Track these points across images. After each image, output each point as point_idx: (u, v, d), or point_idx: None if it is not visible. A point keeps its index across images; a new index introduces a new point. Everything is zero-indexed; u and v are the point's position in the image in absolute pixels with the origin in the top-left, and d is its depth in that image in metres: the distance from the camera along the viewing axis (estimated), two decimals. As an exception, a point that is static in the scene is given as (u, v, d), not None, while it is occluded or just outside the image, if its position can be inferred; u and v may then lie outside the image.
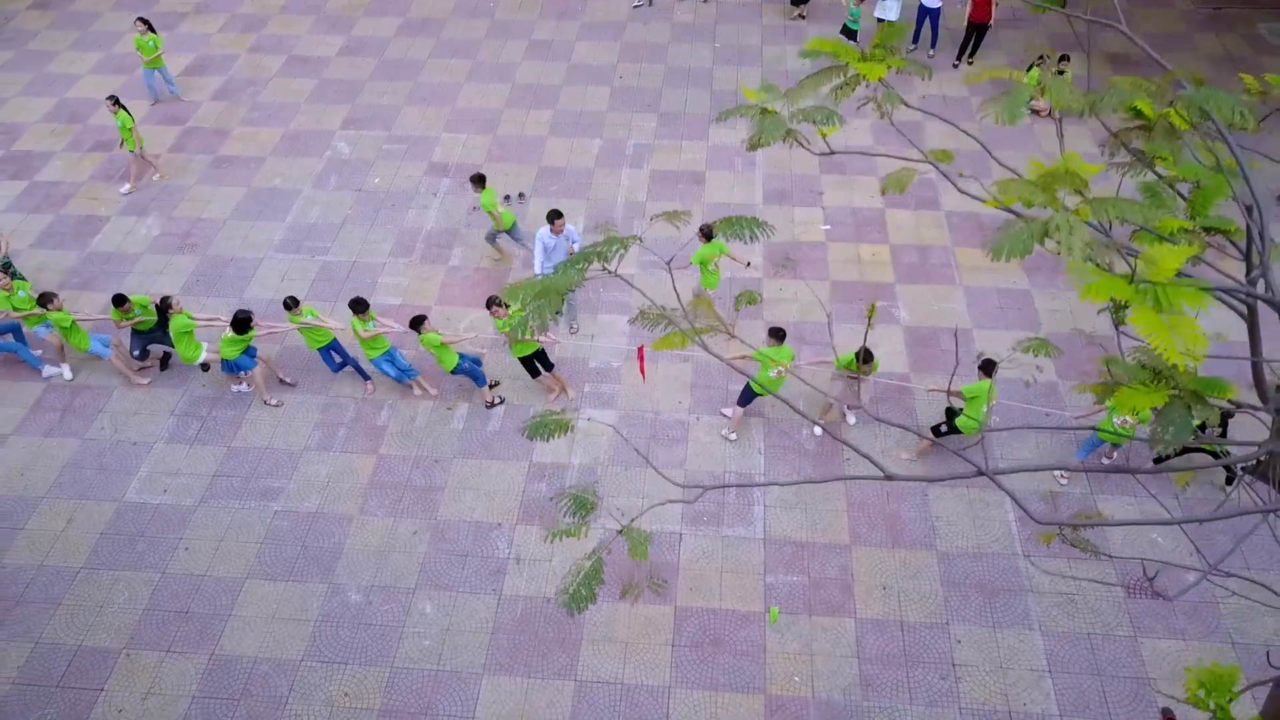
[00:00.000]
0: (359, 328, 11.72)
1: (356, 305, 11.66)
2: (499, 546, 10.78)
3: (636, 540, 4.62)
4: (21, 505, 11.31)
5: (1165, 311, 2.92)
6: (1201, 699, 4.07)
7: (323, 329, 12.07)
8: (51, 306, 11.98)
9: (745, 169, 16.25)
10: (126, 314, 12.21)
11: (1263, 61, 18.69)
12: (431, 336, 11.43)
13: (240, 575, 10.55)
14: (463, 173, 16.21)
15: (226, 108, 18.02)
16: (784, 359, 10.93)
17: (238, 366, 12.05)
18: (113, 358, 12.54)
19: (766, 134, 4.35)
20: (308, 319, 11.91)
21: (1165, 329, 2.88)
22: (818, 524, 10.94)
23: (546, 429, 4.73)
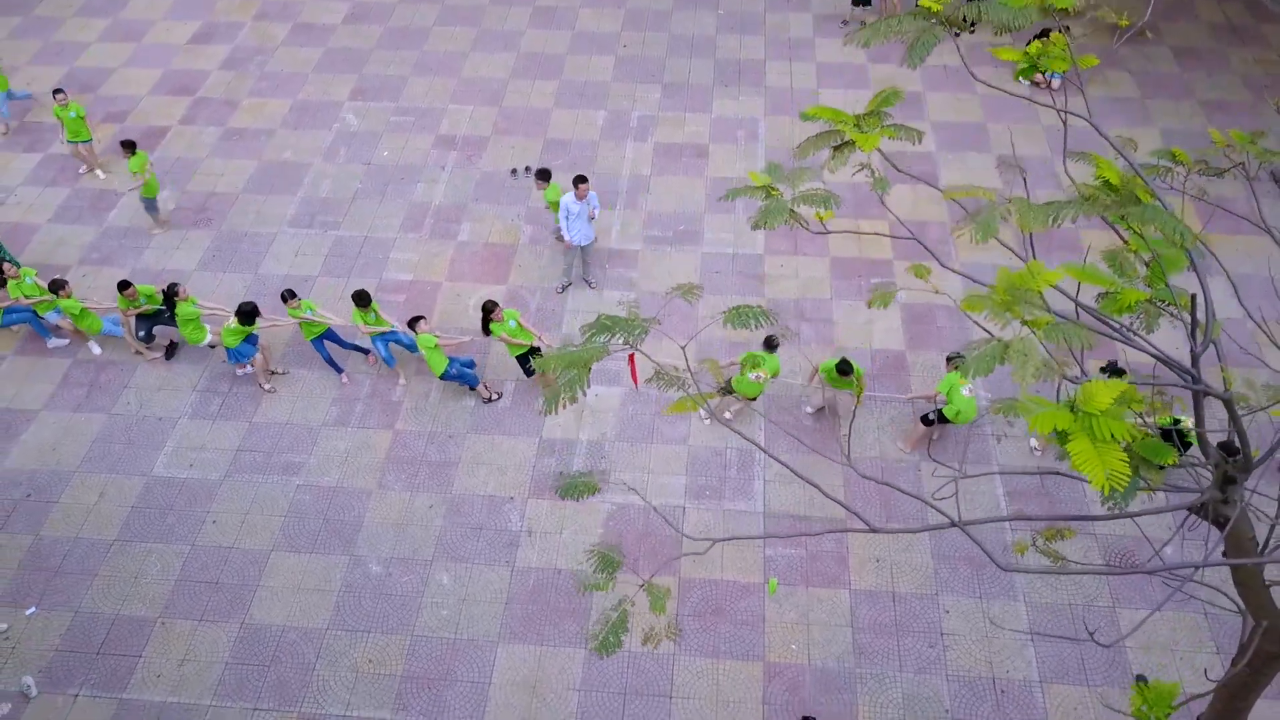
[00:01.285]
0: (360, 320, 12.13)
1: (360, 298, 12.06)
2: (511, 520, 11.32)
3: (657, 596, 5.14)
4: (55, 479, 11.84)
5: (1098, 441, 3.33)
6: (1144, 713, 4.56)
7: (318, 321, 12.46)
8: (62, 294, 12.38)
9: (748, 142, 16.52)
10: (131, 300, 12.58)
11: (1264, 30, 18.82)
12: (427, 338, 11.78)
13: (266, 547, 11.12)
14: (470, 145, 16.50)
15: (235, 78, 18.23)
16: (769, 368, 11.37)
17: (240, 354, 12.47)
18: (125, 335, 12.96)
19: (771, 218, 4.74)
20: (306, 313, 12.29)
21: (1096, 457, 3.30)
22: (815, 499, 11.46)
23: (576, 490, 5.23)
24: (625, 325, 4.74)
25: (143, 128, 17.06)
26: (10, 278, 12.74)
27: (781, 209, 4.87)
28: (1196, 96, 17.30)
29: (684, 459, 11.91)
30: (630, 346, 4.81)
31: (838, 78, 17.90)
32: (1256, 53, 18.28)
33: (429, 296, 13.99)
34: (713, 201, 15.42)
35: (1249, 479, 4.90)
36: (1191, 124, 16.70)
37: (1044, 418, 3.50)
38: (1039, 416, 3.49)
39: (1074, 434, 3.38)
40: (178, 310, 12.29)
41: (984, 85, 16.84)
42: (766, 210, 4.89)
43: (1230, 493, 4.50)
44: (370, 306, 12.15)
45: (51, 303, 12.66)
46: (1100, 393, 3.40)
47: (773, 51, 18.59)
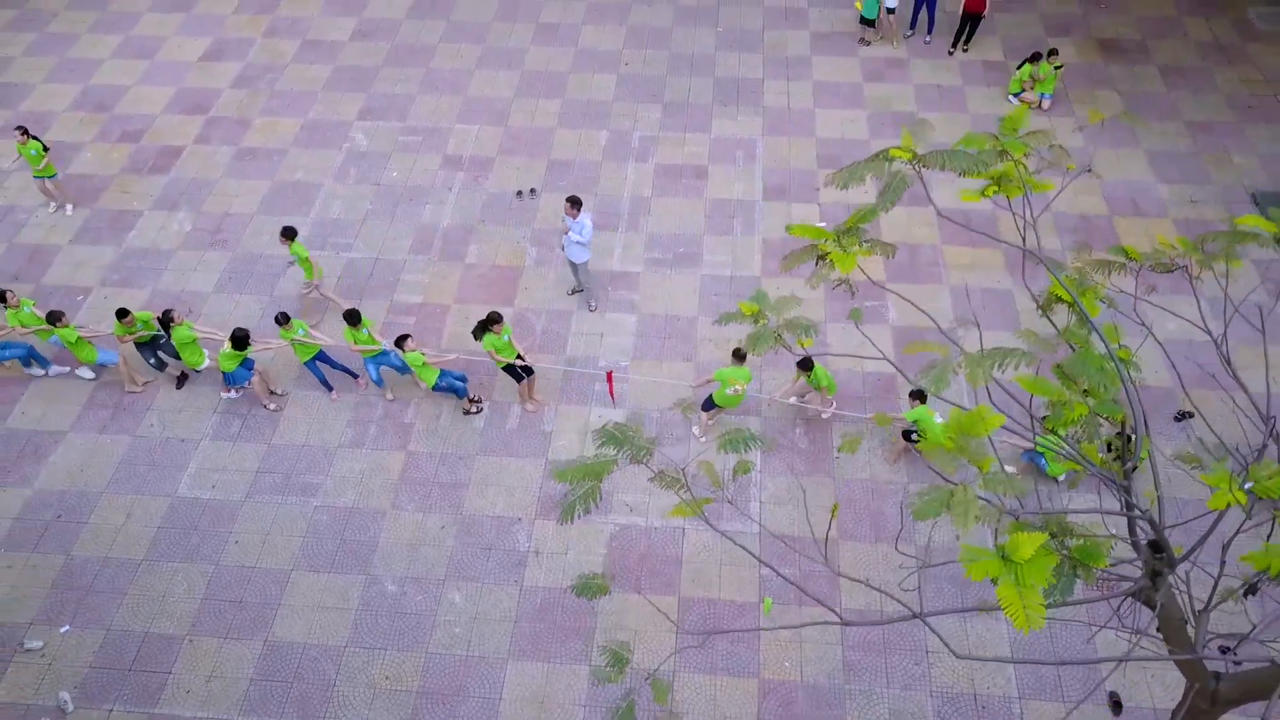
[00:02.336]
0: (350, 339, 12.67)
1: (350, 317, 12.58)
2: (519, 540, 11.91)
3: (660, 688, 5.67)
4: (84, 500, 12.42)
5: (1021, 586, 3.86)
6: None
7: (310, 343, 12.97)
8: (60, 324, 12.87)
9: (746, 163, 17.02)
10: (128, 327, 13.01)
11: (1249, 49, 19.27)
12: (414, 356, 12.35)
13: (287, 567, 11.71)
14: (477, 166, 17.01)
15: (247, 96, 18.70)
16: (742, 379, 11.95)
17: (236, 378, 12.99)
18: (120, 364, 13.46)
19: (759, 345, 5.26)
20: (299, 334, 12.84)
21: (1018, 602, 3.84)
22: (809, 518, 12.02)
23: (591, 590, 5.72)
24: (630, 439, 5.28)
25: (158, 147, 17.56)
26: (10, 306, 13.21)
27: (768, 336, 5.39)
28: (1182, 117, 17.77)
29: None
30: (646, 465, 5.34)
31: (834, 97, 18.37)
32: (1242, 72, 18.73)
33: (438, 318, 14.53)
34: (712, 223, 15.93)
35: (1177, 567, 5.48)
36: (1177, 145, 17.18)
37: (978, 566, 4.05)
38: (974, 566, 4.04)
39: (1002, 580, 3.93)
40: (174, 335, 12.79)
41: (978, 107, 17.27)
42: (755, 337, 5.41)
43: (1159, 582, 5.06)
44: (361, 325, 12.67)
45: (49, 332, 13.11)
46: (1024, 544, 3.94)
47: (771, 70, 19.05)
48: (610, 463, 5.33)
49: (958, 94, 18.45)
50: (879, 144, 17.32)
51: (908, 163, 5.30)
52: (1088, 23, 20.16)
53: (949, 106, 18.16)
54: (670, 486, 5.56)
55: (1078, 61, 19.10)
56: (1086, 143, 17.27)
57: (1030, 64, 17.61)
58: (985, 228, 15.16)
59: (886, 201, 5.34)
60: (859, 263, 5.38)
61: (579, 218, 13.58)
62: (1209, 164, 16.79)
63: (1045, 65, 17.56)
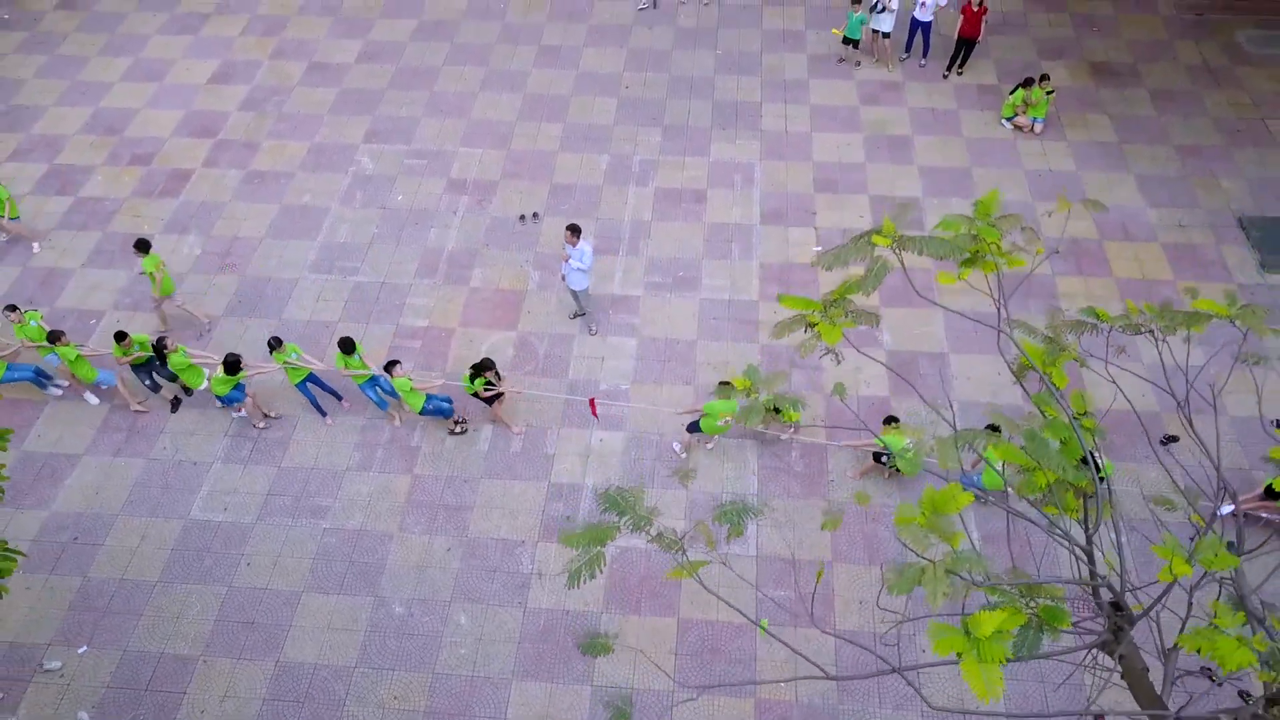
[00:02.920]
0: (342, 365, 13.04)
1: (344, 345, 12.95)
2: (523, 562, 12.27)
3: None
4: (99, 523, 12.78)
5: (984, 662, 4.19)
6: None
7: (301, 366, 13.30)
8: (60, 343, 13.21)
9: (744, 187, 17.38)
10: (126, 350, 13.39)
11: (1238, 73, 19.62)
12: (403, 381, 12.73)
13: (297, 588, 12.06)
14: (480, 190, 17.37)
15: (254, 119, 19.06)
16: (731, 411, 12.35)
17: (230, 400, 13.38)
18: (118, 385, 13.82)
19: (750, 419, 5.61)
20: (291, 357, 13.19)
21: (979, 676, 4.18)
22: (804, 542, 12.41)
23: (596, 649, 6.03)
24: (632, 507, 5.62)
25: (168, 170, 17.92)
26: (15, 321, 13.52)
27: (759, 410, 5.73)
28: (1172, 141, 18.13)
29: (683, 503, 12.84)
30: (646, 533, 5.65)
31: (831, 120, 18.73)
32: (1230, 95, 19.09)
33: (443, 342, 14.89)
34: (710, 247, 16.29)
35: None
36: (1166, 169, 17.54)
37: (943, 643, 4.39)
38: (940, 642, 4.38)
39: (965, 655, 4.27)
40: (169, 362, 13.16)
41: (971, 130, 17.57)
42: (746, 411, 5.76)
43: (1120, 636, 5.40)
44: (354, 352, 13.02)
45: (48, 349, 13.41)
46: (987, 622, 4.28)
47: (769, 93, 19.42)
48: (613, 529, 5.69)
49: (952, 117, 18.80)
50: (874, 168, 17.68)
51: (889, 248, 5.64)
52: (1080, 46, 20.52)
53: (943, 130, 18.52)
54: (669, 549, 5.90)
55: (1070, 85, 19.46)
56: (1078, 167, 17.64)
57: (1023, 89, 17.97)
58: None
59: (869, 285, 5.67)
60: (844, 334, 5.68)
61: (579, 245, 13.95)
62: (1197, 188, 17.15)
63: (1037, 90, 17.92)
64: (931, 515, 4.65)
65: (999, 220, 5.70)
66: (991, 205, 5.73)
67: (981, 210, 5.73)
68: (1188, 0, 21.41)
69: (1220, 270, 15.75)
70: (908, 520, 4.74)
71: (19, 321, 13.49)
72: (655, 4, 21.79)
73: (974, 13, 18.44)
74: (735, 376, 6.26)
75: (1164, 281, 15.55)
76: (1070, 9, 21.52)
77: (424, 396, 13.03)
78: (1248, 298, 15.28)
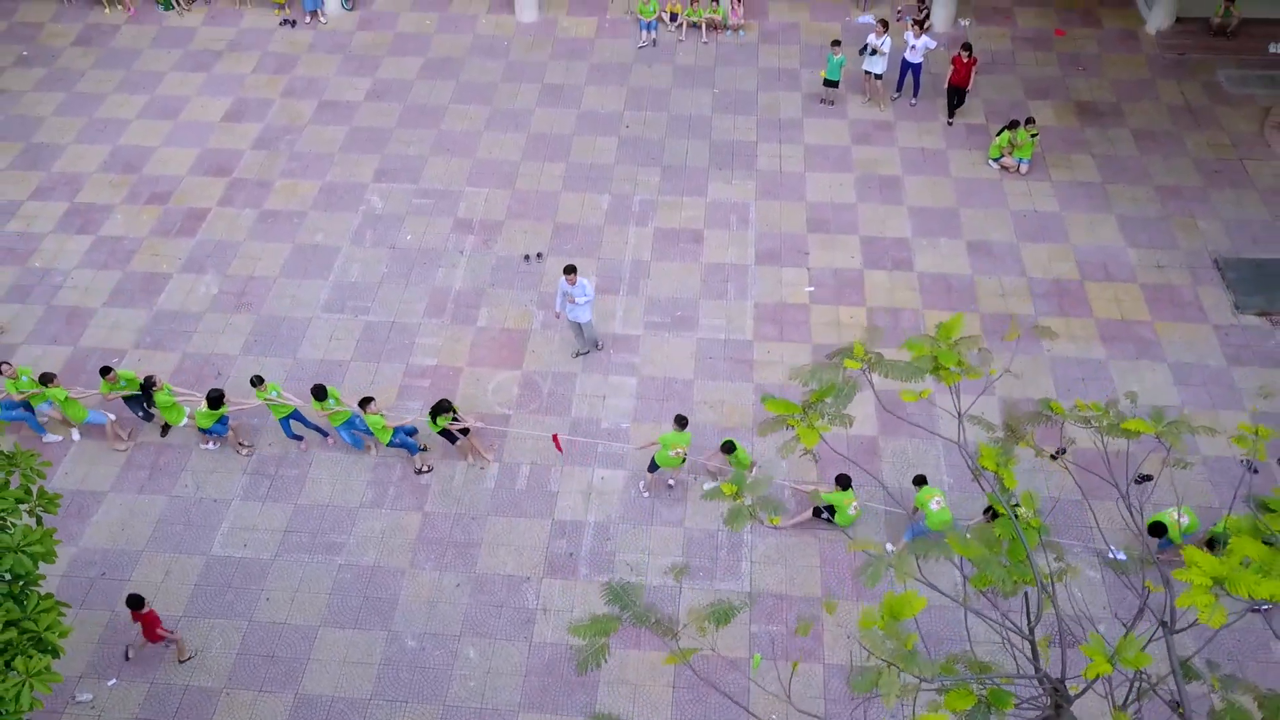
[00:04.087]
0: (318, 408, 13.77)
1: (316, 392, 13.71)
2: (528, 598, 12.93)
3: None
4: (125, 558, 13.44)
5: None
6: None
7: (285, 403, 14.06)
8: (51, 385, 13.87)
9: (739, 228, 18.06)
10: (112, 384, 14.10)
11: (1218, 112, 20.31)
12: (375, 419, 13.55)
13: (315, 623, 12.73)
14: (486, 229, 18.05)
15: (267, 157, 19.73)
16: (683, 443, 13.07)
17: (213, 432, 14.20)
18: (107, 425, 14.48)
19: (736, 521, 6.26)
20: (272, 395, 13.91)
21: None
22: (795, 578, 13.08)
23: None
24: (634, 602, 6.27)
25: (185, 209, 18.60)
26: (8, 376, 14.17)
27: (744, 514, 6.37)
28: (1153, 181, 18.81)
29: (680, 540, 13.51)
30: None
31: (824, 160, 19.41)
32: (1210, 136, 19.78)
33: (451, 381, 15.55)
34: (707, 287, 16.96)
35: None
36: (1146, 210, 18.21)
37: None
38: None
39: None
40: (156, 399, 13.93)
41: (960, 170, 18.22)
42: (732, 513, 6.40)
43: (1061, 713, 6.05)
44: (328, 397, 13.76)
45: (42, 395, 14.00)
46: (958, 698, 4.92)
47: (764, 133, 20.09)
48: (616, 621, 6.31)
49: (941, 157, 19.48)
50: (865, 208, 18.37)
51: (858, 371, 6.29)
52: (1066, 85, 21.21)
53: (932, 170, 19.19)
54: (665, 635, 6.54)
55: (1055, 125, 20.15)
56: (1062, 208, 18.32)
57: (1008, 131, 18.65)
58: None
59: (840, 404, 6.29)
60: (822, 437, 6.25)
61: (578, 281, 14.73)
62: (1176, 228, 17.84)
63: (1022, 132, 18.60)
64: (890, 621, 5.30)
65: (959, 342, 6.32)
66: (954, 329, 6.36)
67: (943, 333, 6.38)
68: (1170, 40, 22.09)
69: (1196, 311, 16.42)
70: (869, 624, 5.39)
71: (12, 376, 14.17)
72: (655, 42, 22.47)
73: (964, 63, 19.11)
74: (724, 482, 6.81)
75: (1142, 322, 16.22)
76: (1057, 48, 22.22)
77: (392, 431, 13.82)
78: (1222, 338, 15.95)
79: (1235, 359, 15.64)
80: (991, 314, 16.45)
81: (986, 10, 23.31)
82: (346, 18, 23.51)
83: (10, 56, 22.58)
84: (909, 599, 5.37)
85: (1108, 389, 15.23)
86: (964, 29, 22.69)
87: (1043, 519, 7.63)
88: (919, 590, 5.77)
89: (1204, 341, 15.93)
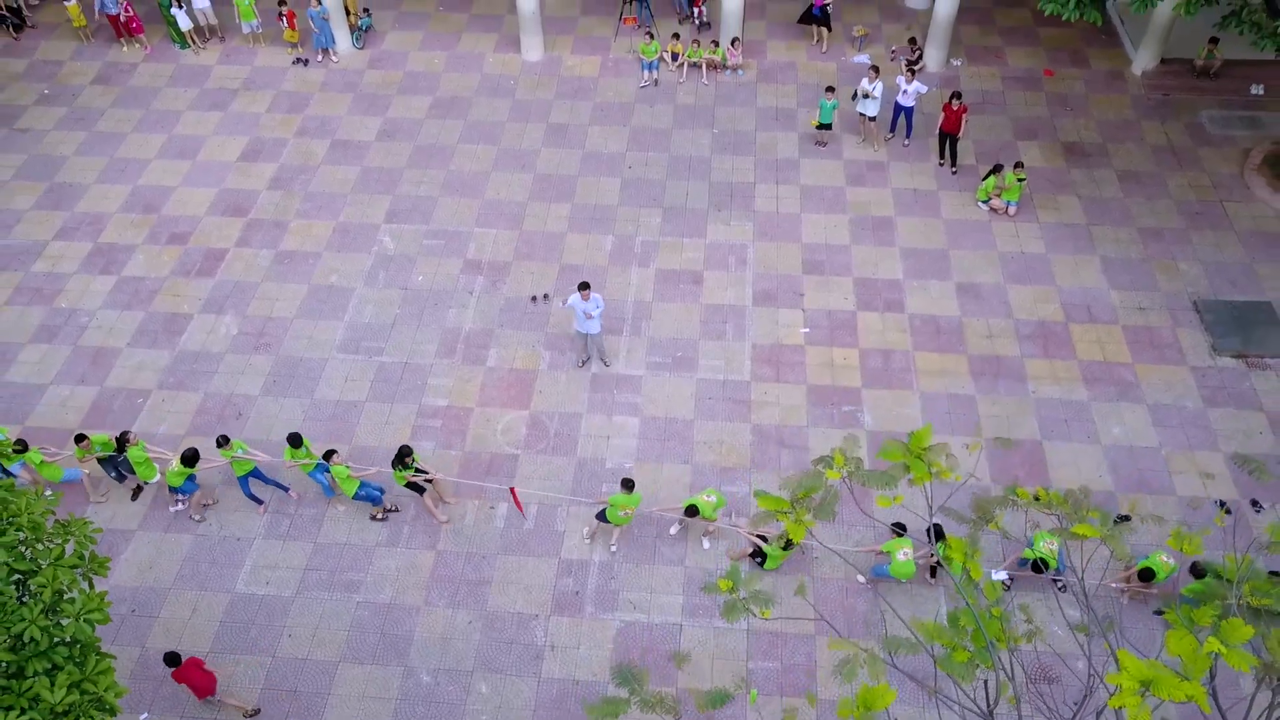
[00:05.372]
0: (290, 457, 14.47)
1: (293, 439, 14.42)
2: (537, 635, 13.65)
3: None
4: (154, 596, 14.16)
5: None
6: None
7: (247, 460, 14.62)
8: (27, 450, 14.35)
9: (737, 269, 18.77)
10: (86, 450, 14.66)
11: (1200, 153, 21.03)
12: (340, 469, 14.22)
13: (334, 659, 13.45)
14: (495, 270, 18.77)
15: (282, 198, 20.46)
16: (631, 505, 13.84)
17: (183, 490, 14.75)
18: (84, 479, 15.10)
19: (732, 615, 6.96)
20: (238, 453, 14.51)
21: None
22: (790, 616, 13.78)
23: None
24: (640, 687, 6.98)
25: (204, 250, 19.32)
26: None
27: (739, 607, 7.08)
28: (1135, 223, 19.54)
29: (681, 579, 14.23)
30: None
31: (818, 202, 20.13)
32: (1192, 177, 20.49)
33: (462, 421, 16.27)
34: (706, 328, 17.68)
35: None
36: (1129, 251, 18.93)
37: None
38: None
39: None
40: (129, 454, 14.54)
41: (950, 211, 18.84)
42: (729, 607, 7.11)
43: None
44: (301, 445, 14.47)
45: (14, 457, 14.36)
46: None
47: (762, 173, 20.82)
48: (625, 703, 7.01)
49: (932, 198, 20.20)
50: (858, 250, 19.09)
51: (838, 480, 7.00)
52: (1054, 126, 21.94)
53: (923, 211, 19.91)
54: (668, 714, 7.24)
55: (1043, 166, 20.87)
56: (1048, 250, 19.05)
57: (994, 175, 19.37)
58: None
59: (823, 514, 6.98)
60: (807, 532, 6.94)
61: (592, 296, 15.83)
62: (1157, 270, 18.56)
63: (1010, 175, 19.33)
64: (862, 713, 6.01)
65: (930, 449, 6.97)
66: (924, 438, 7.03)
67: (915, 442, 7.06)
68: (1155, 80, 22.82)
69: (1175, 353, 17.14)
70: (845, 713, 6.10)
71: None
72: (656, 82, 23.20)
73: (954, 111, 19.83)
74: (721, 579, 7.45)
75: (1123, 364, 16.94)
76: (1046, 88, 22.95)
77: (357, 483, 14.47)
78: (1199, 380, 16.67)
79: (1211, 400, 16.36)
80: (979, 355, 17.16)
81: (978, 50, 24.04)
82: (357, 56, 24.25)
83: (33, 95, 23.32)
84: (882, 692, 6.08)
85: (1089, 430, 15.95)
86: (957, 69, 23.42)
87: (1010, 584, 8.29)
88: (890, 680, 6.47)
89: (1182, 383, 16.64)
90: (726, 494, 14.87)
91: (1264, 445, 15.65)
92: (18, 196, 20.63)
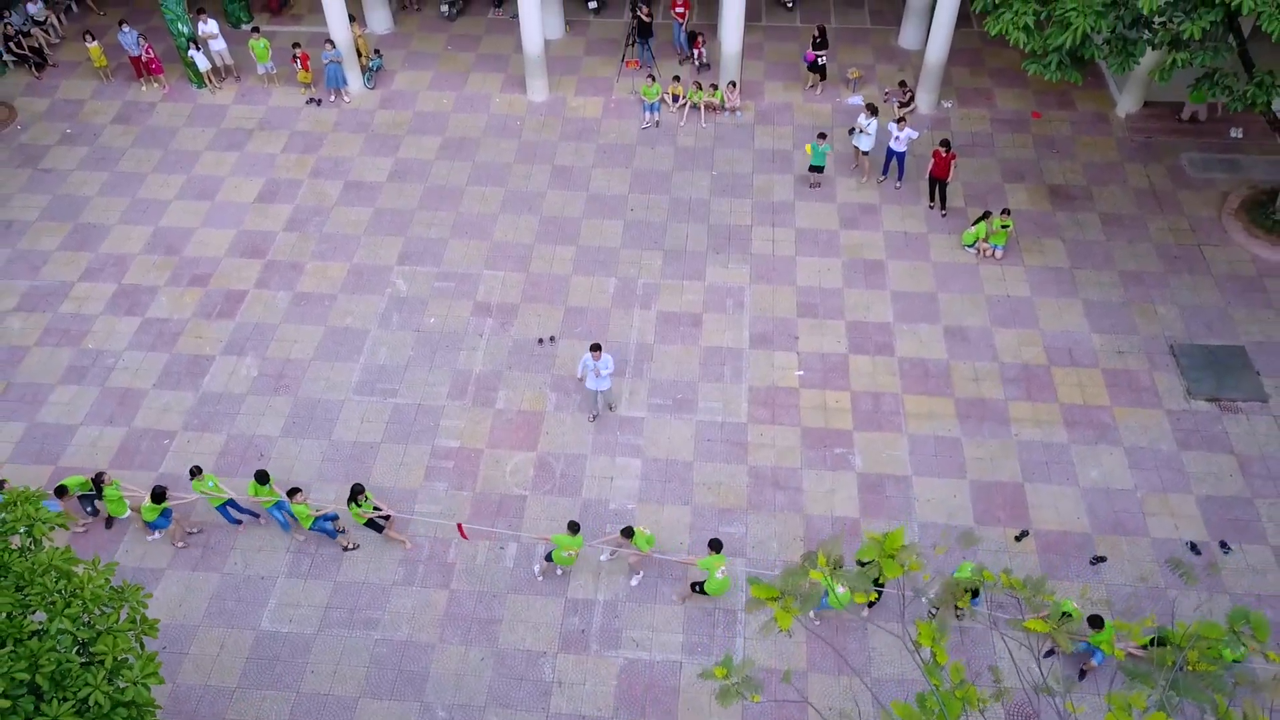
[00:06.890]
0: (253, 492, 15.38)
1: (260, 476, 15.38)
2: (545, 671, 14.51)
3: None
4: (183, 632, 15.02)
5: None
6: None
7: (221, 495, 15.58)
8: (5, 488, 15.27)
9: (735, 311, 19.62)
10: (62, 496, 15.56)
11: (1180, 196, 21.87)
12: (301, 508, 15.09)
13: (355, 695, 14.30)
14: (504, 312, 19.62)
15: (298, 239, 21.30)
16: (575, 546, 14.74)
17: (157, 525, 15.72)
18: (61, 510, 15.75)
19: (726, 699, 7.77)
20: (209, 485, 15.47)
21: None
22: (783, 653, 14.63)
23: None
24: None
25: (224, 291, 20.17)
26: None
27: (734, 692, 7.88)
28: (1116, 266, 20.38)
29: (681, 618, 15.08)
30: None
31: (813, 245, 20.97)
32: (1171, 220, 21.33)
33: (473, 462, 17.13)
34: (705, 370, 18.53)
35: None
36: (1110, 295, 19.77)
37: None
38: None
39: None
40: (104, 493, 15.45)
41: (939, 254, 19.57)
42: (724, 692, 7.92)
43: None
44: (267, 482, 15.41)
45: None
46: None
47: (758, 215, 21.66)
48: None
49: (922, 241, 21.04)
50: (850, 293, 19.94)
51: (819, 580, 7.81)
52: (1040, 168, 22.77)
53: (914, 254, 20.75)
54: None
55: (1029, 209, 21.71)
56: (1033, 293, 19.89)
57: (982, 222, 20.22)
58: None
59: (806, 609, 7.78)
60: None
61: (603, 356, 16.63)
62: (1136, 314, 19.39)
63: (997, 220, 20.17)
64: None
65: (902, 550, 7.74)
66: (897, 540, 7.81)
67: (889, 544, 7.85)
68: (1138, 123, 23.65)
69: (1152, 396, 17.98)
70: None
71: None
72: (658, 123, 24.03)
73: (943, 157, 20.67)
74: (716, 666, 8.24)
75: (1102, 407, 17.78)
76: (1033, 130, 23.79)
77: (314, 518, 15.32)
78: (1174, 423, 17.51)
79: (1185, 444, 17.20)
80: (965, 398, 18.01)
81: (968, 92, 24.88)
82: (369, 96, 25.08)
83: (55, 134, 24.17)
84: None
85: (1069, 472, 16.80)
86: (947, 110, 24.26)
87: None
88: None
89: (1157, 426, 17.49)
90: (724, 534, 15.71)
91: (1233, 488, 16.50)
92: (44, 237, 21.48)
